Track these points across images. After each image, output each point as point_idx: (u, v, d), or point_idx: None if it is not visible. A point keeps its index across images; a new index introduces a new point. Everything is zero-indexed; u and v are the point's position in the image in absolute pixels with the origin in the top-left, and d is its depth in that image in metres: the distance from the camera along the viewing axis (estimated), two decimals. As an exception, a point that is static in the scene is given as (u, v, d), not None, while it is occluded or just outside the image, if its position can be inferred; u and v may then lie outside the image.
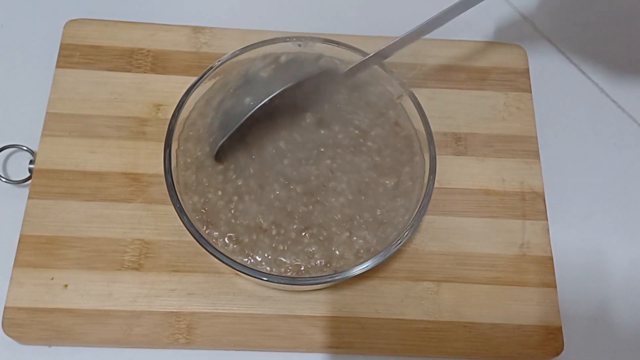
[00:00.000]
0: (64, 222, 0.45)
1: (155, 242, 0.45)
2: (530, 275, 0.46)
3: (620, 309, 0.47)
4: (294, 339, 0.43)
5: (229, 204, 0.40)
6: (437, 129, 0.49)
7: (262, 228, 0.40)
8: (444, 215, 0.47)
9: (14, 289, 0.43)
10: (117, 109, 0.49)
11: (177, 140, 0.42)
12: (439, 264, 0.46)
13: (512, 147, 0.50)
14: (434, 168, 0.41)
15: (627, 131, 0.53)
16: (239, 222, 0.40)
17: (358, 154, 0.42)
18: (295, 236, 0.40)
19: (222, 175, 0.41)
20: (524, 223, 0.48)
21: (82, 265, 0.44)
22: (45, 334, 0.42)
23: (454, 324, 0.44)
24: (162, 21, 0.52)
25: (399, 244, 0.39)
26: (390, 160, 0.43)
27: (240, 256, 0.39)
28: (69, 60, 0.50)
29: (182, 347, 0.43)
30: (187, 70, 0.50)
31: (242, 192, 0.41)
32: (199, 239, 0.39)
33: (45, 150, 0.47)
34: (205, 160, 0.41)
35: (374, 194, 0.41)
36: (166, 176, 0.40)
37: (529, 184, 0.49)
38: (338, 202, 0.41)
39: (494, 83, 0.52)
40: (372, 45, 0.48)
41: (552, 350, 0.44)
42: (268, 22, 0.54)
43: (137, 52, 0.51)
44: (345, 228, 0.40)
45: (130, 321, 0.43)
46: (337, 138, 0.43)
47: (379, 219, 0.41)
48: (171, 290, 0.44)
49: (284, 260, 0.39)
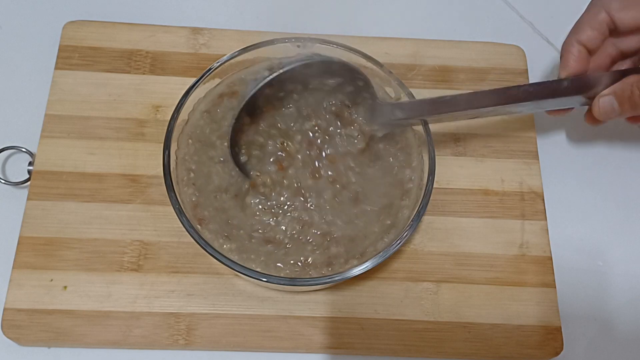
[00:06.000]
0: (63, 223, 0.45)
1: (154, 243, 0.45)
2: (529, 275, 0.46)
3: (620, 309, 0.47)
4: (294, 340, 0.43)
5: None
6: (437, 129, 0.49)
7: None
8: (443, 215, 0.47)
9: (13, 291, 0.43)
10: (116, 110, 0.49)
11: (177, 142, 0.42)
12: (439, 264, 0.46)
13: (511, 148, 0.50)
14: (433, 169, 0.41)
15: (626, 131, 0.53)
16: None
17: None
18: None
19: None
20: (523, 223, 0.48)
21: (81, 266, 0.44)
22: (44, 335, 0.42)
23: (453, 324, 0.44)
24: (160, 22, 0.52)
25: (398, 244, 0.39)
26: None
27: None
28: (68, 61, 0.50)
29: (182, 348, 0.43)
30: (186, 72, 0.50)
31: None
32: (198, 240, 0.39)
33: (44, 152, 0.47)
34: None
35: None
36: (165, 177, 0.40)
37: (528, 184, 0.49)
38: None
39: (493, 83, 0.52)
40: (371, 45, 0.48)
41: (551, 350, 0.44)
42: (267, 23, 0.54)
43: (135, 53, 0.51)
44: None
45: (129, 322, 0.43)
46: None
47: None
48: (170, 291, 0.44)
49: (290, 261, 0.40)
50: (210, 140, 0.42)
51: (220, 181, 0.41)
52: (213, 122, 0.43)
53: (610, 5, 0.43)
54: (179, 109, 0.42)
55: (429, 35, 0.54)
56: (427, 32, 0.54)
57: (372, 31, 0.54)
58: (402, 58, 0.52)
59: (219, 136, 0.42)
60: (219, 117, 0.43)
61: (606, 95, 0.42)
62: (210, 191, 0.41)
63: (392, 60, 0.52)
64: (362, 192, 0.42)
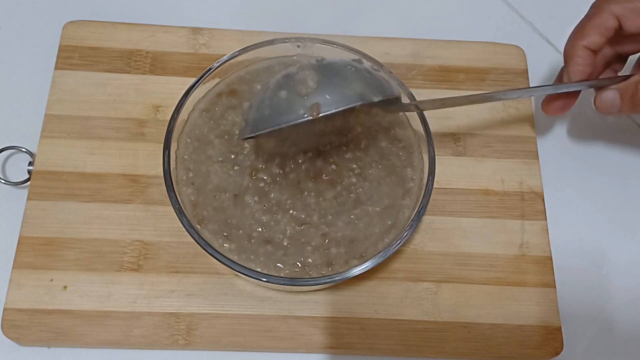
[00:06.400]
0: (63, 223, 0.45)
1: (154, 243, 0.45)
2: (529, 275, 0.46)
3: (620, 309, 0.47)
4: (294, 340, 0.43)
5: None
6: (436, 129, 0.49)
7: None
8: (443, 215, 0.47)
9: (13, 291, 0.43)
10: (116, 110, 0.49)
11: (176, 141, 0.42)
12: (439, 264, 0.46)
13: (511, 148, 0.50)
14: (432, 169, 0.41)
15: (626, 131, 0.53)
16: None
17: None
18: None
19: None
20: (523, 223, 0.48)
21: (81, 266, 0.44)
22: (44, 335, 0.42)
23: (453, 324, 0.44)
24: (160, 22, 0.52)
25: (398, 244, 0.39)
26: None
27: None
28: (68, 61, 0.50)
29: (182, 348, 0.43)
30: (186, 72, 0.50)
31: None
32: (198, 240, 0.39)
33: (44, 152, 0.47)
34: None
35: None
36: (165, 177, 0.40)
37: (528, 184, 0.49)
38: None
39: (492, 84, 0.52)
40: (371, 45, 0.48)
41: (551, 350, 0.44)
42: (267, 23, 0.54)
43: (135, 53, 0.51)
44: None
45: (129, 322, 0.43)
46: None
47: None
48: (170, 291, 0.44)
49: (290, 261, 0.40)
50: (209, 139, 0.42)
51: (219, 181, 0.41)
52: (211, 120, 0.43)
53: (621, 12, 0.42)
54: (179, 109, 0.42)
55: (429, 35, 0.54)
56: (427, 32, 0.54)
57: (372, 31, 0.54)
58: (402, 58, 0.52)
59: (217, 135, 0.42)
60: (217, 115, 0.43)
61: (611, 89, 0.43)
62: (209, 191, 0.41)
63: (392, 60, 0.52)
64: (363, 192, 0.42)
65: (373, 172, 0.42)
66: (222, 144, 0.42)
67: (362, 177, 0.42)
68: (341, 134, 0.42)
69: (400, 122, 0.44)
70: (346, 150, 0.42)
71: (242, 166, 0.42)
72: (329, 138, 0.42)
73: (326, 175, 0.42)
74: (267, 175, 0.41)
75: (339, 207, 0.41)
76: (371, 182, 0.42)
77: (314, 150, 0.42)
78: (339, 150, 0.42)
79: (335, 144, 0.42)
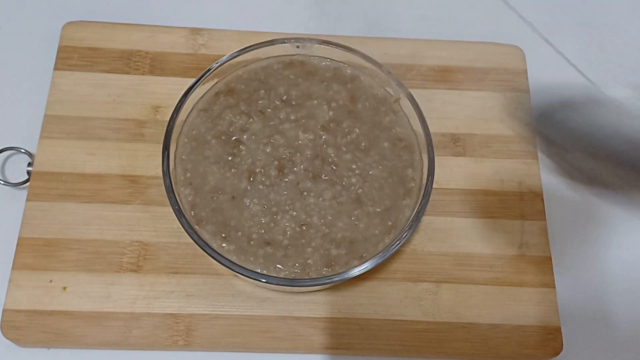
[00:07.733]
0: (63, 224, 0.45)
1: (153, 244, 0.45)
2: (529, 275, 0.46)
3: (620, 309, 0.47)
4: (293, 341, 0.43)
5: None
6: (436, 130, 0.49)
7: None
8: (442, 215, 0.47)
9: (12, 292, 0.43)
10: (116, 111, 0.49)
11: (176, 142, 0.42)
12: (438, 264, 0.46)
13: (510, 148, 0.50)
14: (432, 169, 0.41)
15: (625, 131, 0.53)
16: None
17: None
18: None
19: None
20: (523, 223, 0.48)
21: (80, 267, 0.44)
22: (44, 336, 0.42)
23: (453, 325, 0.44)
24: (160, 23, 0.52)
25: (397, 244, 0.39)
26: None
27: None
28: (67, 62, 0.50)
29: (181, 349, 0.43)
30: (185, 72, 0.50)
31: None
32: (197, 241, 0.39)
33: (43, 153, 0.47)
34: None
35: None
36: (164, 179, 0.40)
37: (527, 184, 0.49)
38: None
39: (492, 84, 0.52)
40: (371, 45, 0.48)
41: (551, 350, 0.44)
42: (266, 23, 0.54)
43: (135, 54, 0.51)
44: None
45: (129, 323, 0.43)
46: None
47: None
48: (170, 292, 0.44)
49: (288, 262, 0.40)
50: (206, 139, 0.42)
51: (216, 182, 0.41)
52: (209, 120, 0.43)
53: None
54: (178, 110, 0.42)
55: (429, 35, 0.54)
56: (426, 32, 0.54)
57: (372, 31, 0.54)
58: (402, 58, 0.52)
59: (215, 135, 0.42)
60: (215, 115, 0.43)
61: None
62: (207, 191, 0.41)
63: (391, 61, 0.52)
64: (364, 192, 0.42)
65: (374, 173, 0.42)
66: (219, 144, 0.42)
67: (362, 177, 0.42)
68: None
69: (400, 122, 0.44)
70: (346, 150, 0.42)
71: (239, 169, 0.42)
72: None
73: (326, 175, 0.42)
74: (265, 176, 0.41)
75: (339, 208, 0.41)
76: (372, 182, 0.42)
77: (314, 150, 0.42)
78: (339, 151, 0.42)
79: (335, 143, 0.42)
